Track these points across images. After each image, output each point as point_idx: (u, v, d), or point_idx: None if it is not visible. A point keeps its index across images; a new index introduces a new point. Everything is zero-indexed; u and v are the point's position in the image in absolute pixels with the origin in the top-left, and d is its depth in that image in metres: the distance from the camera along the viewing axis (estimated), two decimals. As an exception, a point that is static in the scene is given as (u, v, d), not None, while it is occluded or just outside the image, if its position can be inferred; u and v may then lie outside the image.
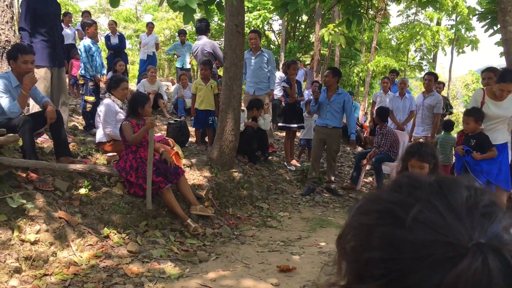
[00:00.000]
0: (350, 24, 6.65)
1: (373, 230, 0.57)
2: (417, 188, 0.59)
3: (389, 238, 0.55)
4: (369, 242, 0.57)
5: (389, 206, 0.58)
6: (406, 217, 0.55)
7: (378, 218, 0.58)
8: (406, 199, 0.58)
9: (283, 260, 4.26)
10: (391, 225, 0.56)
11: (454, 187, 0.58)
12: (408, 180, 0.61)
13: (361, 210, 0.62)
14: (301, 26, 22.81)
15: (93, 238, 4.05)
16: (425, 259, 0.52)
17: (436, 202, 0.56)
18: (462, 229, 0.53)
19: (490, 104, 4.86)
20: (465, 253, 0.51)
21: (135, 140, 4.70)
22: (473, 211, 0.55)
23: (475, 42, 20.75)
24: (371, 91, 21.19)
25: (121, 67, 8.60)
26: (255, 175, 6.62)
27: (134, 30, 25.82)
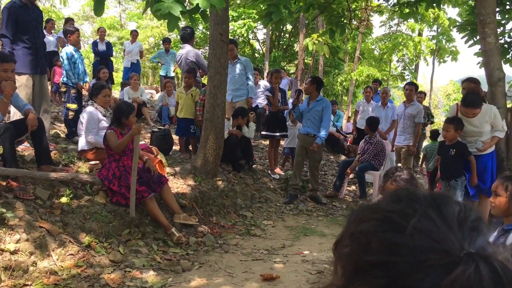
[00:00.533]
0: (333, 34, 6.73)
1: (373, 235, 0.62)
2: (415, 200, 0.64)
3: (389, 243, 0.60)
4: (369, 247, 0.61)
5: (389, 214, 0.63)
6: (405, 225, 0.60)
7: (379, 225, 0.63)
8: (405, 209, 0.63)
9: (267, 269, 4.25)
10: (391, 232, 0.61)
11: (447, 202, 0.64)
12: (406, 193, 0.67)
13: (361, 218, 0.67)
14: (286, 35, 22.97)
15: (74, 248, 4.00)
16: (421, 263, 0.57)
17: (432, 214, 0.61)
18: (454, 239, 0.59)
19: (463, 121, 4.96)
20: (458, 260, 0.56)
21: (120, 147, 4.66)
22: (463, 224, 0.61)
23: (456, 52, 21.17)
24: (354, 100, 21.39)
25: (105, 75, 8.55)
26: (239, 183, 6.61)
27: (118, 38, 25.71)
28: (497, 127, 4.89)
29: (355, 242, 0.65)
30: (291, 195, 6.79)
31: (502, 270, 0.56)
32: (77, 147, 5.67)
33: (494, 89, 5.13)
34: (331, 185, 8.34)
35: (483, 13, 5.11)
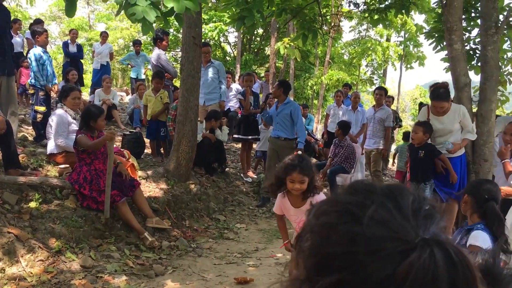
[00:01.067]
0: (306, 39, 6.80)
1: (334, 227, 0.64)
2: (371, 192, 0.67)
3: (348, 234, 0.62)
4: (330, 238, 0.63)
5: (348, 206, 0.65)
6: (363, 215, 0.62)
7: (338, 217, 0.65)
8: (362, 200, 0.65)
9: (241, 272, 4.27)
10: (350, 223, 0.63)
11: (402, 193, 0.66)
12: (363, 185, 0.69)
13: (321, 212, 0.69)
14: (257, 38, 23.05)
15: (44, 253, 3.91)
16: (379, 252, 0.59)
17: (388, 204, 0.64)
18: (409, 227, 0.61)
19: (433, 120, 5.08)
20: (413, 247, 0.59)
21: (96, 146, 4.60)
22: (417, 213, 0.64)
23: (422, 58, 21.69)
24: (324, 104, 21.63)
25: (73, 77, 8.40)
26: (212, 187, 6.60)
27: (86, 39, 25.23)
28: (466, 127, 5.02)
29: (316, 235, 0.66)
30: (263, 198, 6.82)
31: (455, 254, 0.59)
32: (46, 151, 5.55)
33: (460, 94, 5.28)
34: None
35: (450, 21, 5.26)
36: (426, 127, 5.00)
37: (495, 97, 5.32)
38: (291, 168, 2.98)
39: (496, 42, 5.26)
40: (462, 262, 0.59)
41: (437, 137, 5.11)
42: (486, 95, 5.26)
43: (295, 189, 3.01)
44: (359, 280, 0.59)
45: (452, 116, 5.01)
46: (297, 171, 2.96)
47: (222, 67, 7.63)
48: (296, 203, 3.18)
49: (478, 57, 6.86)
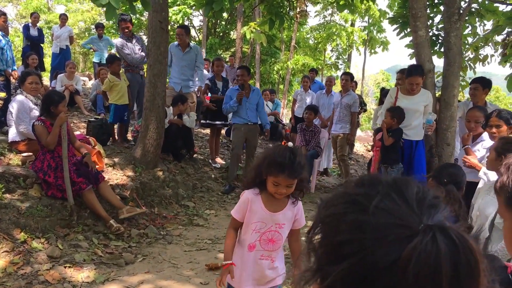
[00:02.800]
0: (273, 24, 6.78)
1: (342, 217, 0.67)
2: (377, 184, 0.70)
3: (356, 223, 0.65)
4: (338, 228, 0.67)
5: (355, 197, 0.69)
6: (369, 205, 0.66)
7: (346, 208, 0.68)
8: (369, 191, 0.69)
9: (211, 259, 4.28)
10: (357, 212, 0.66)
11: (407, 184, 0.70)
12: (369, 178, 0.73)
13: (330, 204, 0.72)
14: (222, 22, 22.82)
15: (9, 244, 3.80)
16: (385, 238, 0.62)
17: (393, 194, 0.67)
18: (413, 215, 0.65)
19: (403, 99, 5.24)
20: (416, 232, 0.62)
21: (51, 141, 4.45)
22: (422, 202, 0.67)
23: (386, 43, 22.02)
24: (290, 89, 21.72)
25: (33, 61, 8.10)
26: (180, 173, 6.55)
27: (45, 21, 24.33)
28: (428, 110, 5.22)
29: (326, 226, 0.70)
30: (230, 186, 6.82)
31: (458, 239, 0.61)
32: (7, 138, 5.36)
33: (425, 80, 5.41)
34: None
35: (415, 7, 5.35)
36: (393, 112, 5.13)
37: (457, 83, 5.47)
38: (279, 168, 2.20)
39: (459, 28, 5.39)
40: (465, 246, 0.61)
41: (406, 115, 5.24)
42: (449, 81, 5.40)
43: (279, 193, 2.28)
44: (367, 266, 0.62)
45: (421, 97, 5.18)
46: (285, 174, 2.20)
47: (200, 51, 7.49)
48: (273, 206, 2.39)
49: (440, 43, 7.02)
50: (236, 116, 6.89)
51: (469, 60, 8.00)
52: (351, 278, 0.63)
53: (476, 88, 5.18)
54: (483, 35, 7.73)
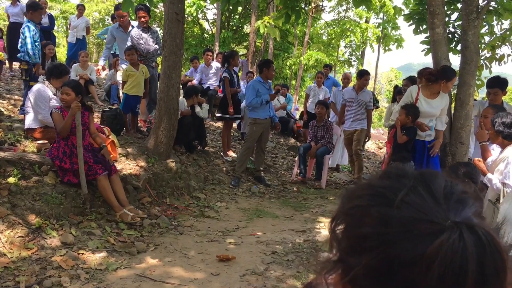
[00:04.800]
0: (289, 18, 6.76)
1: (366, 210, 0.66)
2: (403, 176, 0.69)
3: (380, 216, 0.65)
4: (362, 220, 0.66)
5: (380, 190, 0.68)
6: (395, 198, 0.65)
7: (371, 200, 0.67)
8: (394, 184, 0.68)
9: (222, 250, 4.30)
10: (383, 205, 0.65)
11: (434, 178, 0.68)
12: (396, 170, 0.72)
13: (354, 195, 0.71)
14: (236, 16, 22.79)
15: (24, 230, 3.86)
16: (409, 233, 0.61)
17: (420, 188, 0.66)
18: (440, 210, 0.63)
19: (423, 101, 5.16)
20: (442, 229, 0.61)
21: (64, 129, 4.50)
22: (449, 197, 0.65)
23: (400, 40, 21.85)
24: (302, 84, 21.66)
25: (50, 51, 8.17)
26: (192, 165, 6.59)
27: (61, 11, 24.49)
28: (442, 116, 5.17)
29: (350, 217, 0.69)
30: (237, 178, 6.84)
31: (485, 236, 0.60)
32: (23, 126, 5.42)
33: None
34: (282, 167, 8.48)
35: (433, 4, 5.31)
36: (409, 110, 5.09)
37: (473, 82, 5.43)
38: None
39: (477, 27, 5.35)
40: (492, 244, 0.60)
41: (421, 118, 5.21)
42: (465, 79, 5.37)
43: None
44: (390, 260, 0.61)
45: (440, 101, 5.11)
46: None
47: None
48: None
49: (456, 40, 6.97)
50: (259, 111, 6.85)
51: (485, 59, 7.93)
52: (373, 271, 0.63)
53: (496, 93, 5.11)
54: (500, 34, 7.65)
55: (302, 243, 4.54)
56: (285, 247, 4.41)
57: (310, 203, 6.55)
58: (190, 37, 21.33)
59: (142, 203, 5.19)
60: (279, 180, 7.65)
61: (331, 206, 6.40)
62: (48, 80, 5.37)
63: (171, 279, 3.58)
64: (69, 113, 4.49)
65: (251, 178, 7.23)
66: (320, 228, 5.22)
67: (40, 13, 6.54)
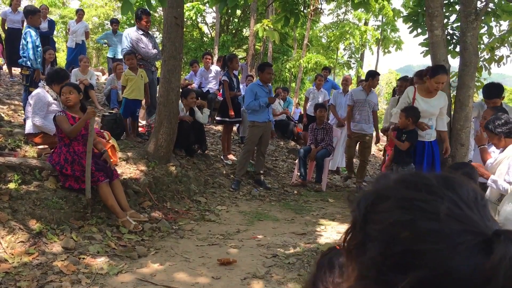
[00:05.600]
0: (288, 21, 6.78)
1: (411, 225, 0.63)
2: (431, 185, 0.67)
3: (428, 231, 0.62)
4: (402, 237, 0.63)
5: (414, 203, 0.65)
6: (436, 211, 0.63)
7: (407, 215, 0.64)
8: (429, 196, 0.65)
9: (223, 254, 4.30)
10: (427, 220, 0.63)
11: (459, 184, 0.67)
12: (418, 178, 0.69)
13: (379, 209, 0.68)
14: (235, 19, 22.82)
15: (25, 235, 3.87)
16: (458, 246, 0.60)
17: (454, 197, 0.65)
18: (478, 219, 0.63)
19: (420, 101, 5.16)
20: (489, 239, 0.60)
21: (74, 131, 4.50)
22: (478, 204, 0.65)
23: (400, 43, 21.89)
24: (302, 87, 21.67)
25: (50, 56, 8.19)
26: (193, 169, 6.59)
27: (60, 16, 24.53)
28: (443, 115, 5.16)
29: (388, 234, 0.65)
30: (237, 181, 6.84)
31: None
32: (23, 131, 5.43)
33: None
34: (282, 170, 8.49)
35: (432, 6, 5.32)
36: (408, 112, 5.09)
37: (473, 83, 5.44)
38: None
39: (476, 28, 5.36)
40: None
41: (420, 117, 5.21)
42: (464, 81, 5.37)
43: None
44: (440, 276, 0.60)
45: (438, 100, 5.11)
46: None
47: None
48: None
49: (455, 42, 6.99)
50: (258, 114, 6.83)
51: (484, 60, 7.95)
52: (421, 286, 0.60)
53: (495, 102, 5.12)
54: (499, 35, 7.67)
55: (303, 246, 4.54)
56: (286, 250, 4.41)
57: (310, 206, 6.55)
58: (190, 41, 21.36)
59: (142, 207, 5.20)
60: (280, 183, 7.65)
61: (331, 209, 6.40)
62: (49, 85, 5.38)
63: (172, 283, 3.58)
64: (84, 117, 4.51)
65: (251, 181, 7.23)
66: (321, 231, 5.22)
67: (39, 17, 6.57)
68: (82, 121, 4.51)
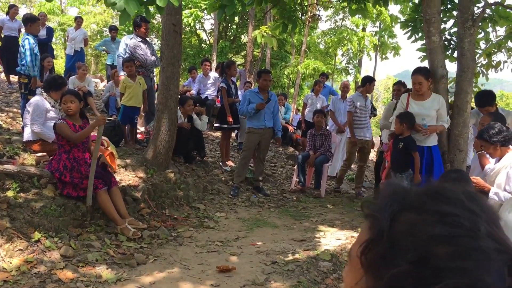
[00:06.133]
0: (286, 28, 6.80)
1: (446, 240, 0.63)
2: (462, 200, 0.67)
3: (466, 248, 0.63)
4: (439, 251, 0.63)
5: (455, 219, 0.65)
6: (476, 229, 0.64)
7: (448, 230, 0.64)
8: (467, 213, 0.65)
9: (222, 261, 4.29)
10: (466, 237, 0.63)
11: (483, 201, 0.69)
12: (450, 192, 0.69)
13: (410, 219, 0.67)
14: (233, 26, 22.88)
15: (23, 243, 3.85)
16: (494, 264, 0.62)
17: (485, 216, 0.66)
18: (505, 238, 0.66)
19: (413, 104, 5.21)
20: None
21: (80, 137, 4.51)
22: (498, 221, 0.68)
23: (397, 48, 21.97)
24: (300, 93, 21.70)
25: (49, 64, 8.20)
26: (191, 175, 6.59)
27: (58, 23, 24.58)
28: (442, 117, 5.16)
29: (417, 247, 0.64)
30: (236, 187, 6.83)
31: None
32: (21, 138, 5.43)
33: (437, 85, 5.39)
34: (281, 176, 8.48)
35: (429, 13, 5.34)
36: (402, 118, 5.11)
37: (470, 89, 5.46)
38: None
39: (473, 34, 5.38)
40: None
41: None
42: (462, 87, 5.39)
43: None
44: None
45: (431, 102, 5.13)
46: None
47: None
48: None
49: (452, 48, 7.01)
50: (253, 120, 6.83)
51: (481, 66, 7.97)
52: None
53: (488, 110, 5.20)
54: (496, 41, 7.70)
55: (302, 253, 4.53)
56: (285, 257, 4.40)
57: (309, 212, 6.54)
58: (188, 47, 21.38)
59: (141, 214, 5.18)
60: (278, 189, 7.65)
61: (330, 215, 6.39)
62: (47, 92, 5.39)
63: (171, 291, 3.57)
64: (93, 123, 4.53)
65: (250, 187, 7.22)
66: (320, 237, 5.21)
67: (38, 25, 6.60)
68: (91, 127, 4.52)
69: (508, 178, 3.72)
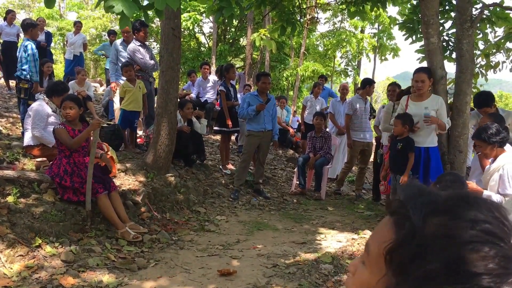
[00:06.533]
0: (284, 31, 6.82)
1: (480, 248, 0.65)
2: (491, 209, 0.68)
3: (498, 256, 0.64)
4: (473, 257, 0.64)
5: (486, 226, 0.66)
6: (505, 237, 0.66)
7: (479, 237, 0.66)
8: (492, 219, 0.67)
9: (223, 264, 4.28)
10: (499, 246, 0.65)
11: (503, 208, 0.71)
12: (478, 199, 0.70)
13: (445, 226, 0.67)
14: (232, 29, 22.92)
15: (24, 248, 3.85)
16: None
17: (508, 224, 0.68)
18: None
19: (411, 105, 5.21)
20: None
21: (77, 143, 4.51)
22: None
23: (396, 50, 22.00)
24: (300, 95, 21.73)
25: (49, 69, 8.20)
26: (191, 179, 6.58)
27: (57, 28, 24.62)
28: (442, 117, 5.15)
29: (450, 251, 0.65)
30: (236, 191, 6.83)
31: None
32: (21, 144, 5.43)
33: (436, 87, 5.39)
34: (281, 179, 8.48)
35: (427, 14, 5.35)
36: (404, 119, 5.10)
37: (470, 90, 5.46)
38: None
39: (471, 36, 5.38)
40: None
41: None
42: (461, 88, 5.39)
43: None
44: None
45: (430, 103, 5.13)
46: None
47: None
48: None
49: (451, 49, 7.02)
50: (252, 123, 6.83)
51: (480, 67, 7.98)
52: None
53: (486, 111, 5.19)
54: (494, 41, 7.71)
55: (303, 255, 4.53)
56: (286, 260, 4.39)
57: (310, 215, 6.54)
58: (187, 51, 21.42)
59: (142, 218, 5.18)
60: (279, 192, 7.65)
61: (331, 217, 6.39)
62: (49, 97, 5.40)
63: (173, 295, 3.57)
64: (88, 128, 4.52)
65: (250, 190, 7.22)
66: (321, 240, 5.21)
67: (38, 30, 6.63)
68: (85, 132, 4.51)
69: (502, 181, 3.73)
